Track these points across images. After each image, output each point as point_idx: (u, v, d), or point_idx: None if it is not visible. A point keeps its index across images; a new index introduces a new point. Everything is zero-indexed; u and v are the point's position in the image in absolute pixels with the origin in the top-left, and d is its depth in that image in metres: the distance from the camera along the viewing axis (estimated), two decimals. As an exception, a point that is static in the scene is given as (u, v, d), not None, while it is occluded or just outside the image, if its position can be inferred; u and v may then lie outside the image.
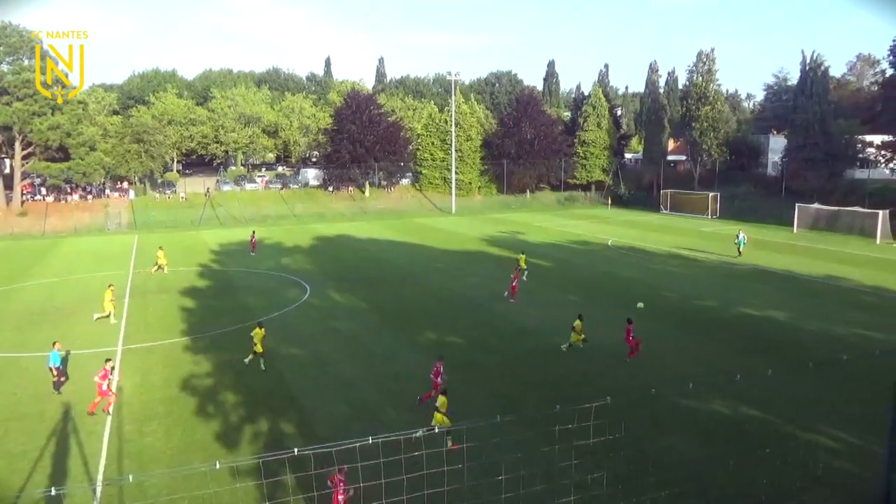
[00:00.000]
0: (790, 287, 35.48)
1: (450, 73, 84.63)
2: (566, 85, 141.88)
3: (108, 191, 79.32)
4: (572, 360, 23.18)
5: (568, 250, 49.21)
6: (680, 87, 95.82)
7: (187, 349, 24.77)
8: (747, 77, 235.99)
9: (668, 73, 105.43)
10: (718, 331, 26.80)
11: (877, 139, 71.12)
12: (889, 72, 70.46)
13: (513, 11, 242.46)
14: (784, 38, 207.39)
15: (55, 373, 20.30)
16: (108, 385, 18.55)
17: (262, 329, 22.51)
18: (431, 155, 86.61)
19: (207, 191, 78.60)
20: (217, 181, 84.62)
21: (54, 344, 21.01)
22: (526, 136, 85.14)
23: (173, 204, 75.67)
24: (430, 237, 56.51)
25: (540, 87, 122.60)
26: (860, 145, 71.94)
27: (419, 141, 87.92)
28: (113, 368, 20.00)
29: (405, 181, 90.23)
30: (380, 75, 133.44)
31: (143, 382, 21.15)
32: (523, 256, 37.93)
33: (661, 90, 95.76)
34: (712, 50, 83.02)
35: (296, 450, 10.42)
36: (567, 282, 37.22)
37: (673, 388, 19.04)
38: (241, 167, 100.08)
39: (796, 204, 60.16)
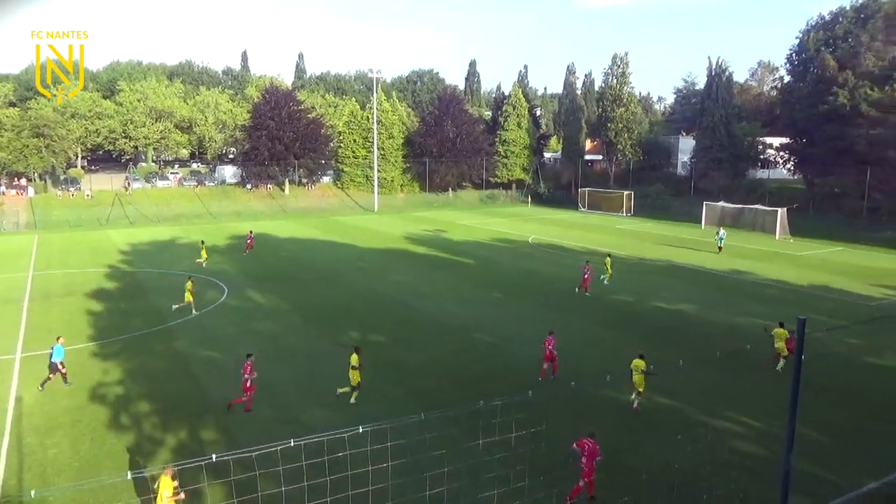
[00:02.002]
0: (699, 281, 37.29)
1: (371, 71, 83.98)
2: (487, 85, 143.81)
3: (3, 188, 74.12)
4: (494, 357, 23.51)
5: (490, 248, 49.88)
6: (596, 88, 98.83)
7: (94, 355, 23.48)
8: (658, 80, 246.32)
9: (585, 75, 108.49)
10: (633, 324, 27.85)
11: (776, 141, 75.91)
12: (787, 78, 75.20)
13: (434, 10, 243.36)
14: (692, 44, 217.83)
15: (61, 367, 20.11)
16: (251, 381, 18.24)
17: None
18: (353, 153, 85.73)
19: (128, 185, 74.86)
20: (126, 178, 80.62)
21: (58, 339, 20.62)
22: (448, 134, 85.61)
23: (78, 202, 71.59)
24: (353, 236, 55.96)
25: (462, 87, 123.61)
26: (761, 147, 76.58)
27: (340, 138, 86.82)
28: (253, 362, 18.86)
29: (326, 179, 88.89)
30: (299, 71, 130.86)
31: (46, 391, 19.89)
32: (609, 260, 36.49)
33: (579, 92, 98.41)
34: (626, 54, 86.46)
35: (214, 456, 10.05)
36: (490, 279, 37.71)
37: (591, 381, 19.63)
38: (153, 164, 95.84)
39: (704, 202, 63.39)
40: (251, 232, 48.81)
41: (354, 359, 19.02)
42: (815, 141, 65.28)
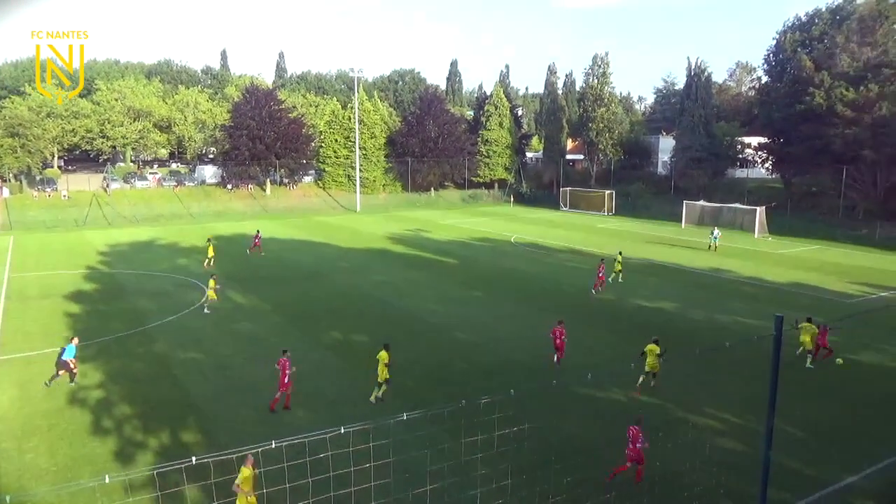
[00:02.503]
0: (679, 279, 37.63)
1: (353, 70, 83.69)
2: (469, 85, 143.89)
3: (-22, 189, 72.75)
4: (476, 356, 23.54)
5: (472, 247, 49.94)
6: (577, 88, 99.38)
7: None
8: (639, 81, 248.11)
9: (566, 76, 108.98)
10: (614, 322, 28.03)
11: (754, 141, 76.84)
12: (764, 79, 76.14)
13: (415, 9, 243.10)
14: (672, 44, 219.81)
15: (73, 365, 20.38)
16: (289, 378, 18.33)
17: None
18: (335, 152, 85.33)
19: (106, 185, 73.79)
20: (104, 178, 79.50)
21: (72, 339, 21.08)
22: (430, 134, 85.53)
23: (54, 202, 70.47)
24: (335, 235, 55.72)
25: (443, 87, 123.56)
26: (740, 146, 77.51)
27: (322, 138, 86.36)
28: (290, 358, 18.96)
29: (308, 179, 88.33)
30: (280, 70, 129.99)
31: (23, 395, 19.57)
32: (620, 257, 36.81)
33: (560, 92, 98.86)
34: (606, 54, 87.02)
35: (194, 458, 9.94)
36: (472, 278, 37.75)
37: (573, 378, 19.73)
38: (131, 164, 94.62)
39: (684, 201, 64.03)
40: (258, 231, 48.42)
41: (384, 356, 19.07)
42: (792, 140, 66.16)
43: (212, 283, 30.34)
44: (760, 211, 56.39)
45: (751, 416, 16.37)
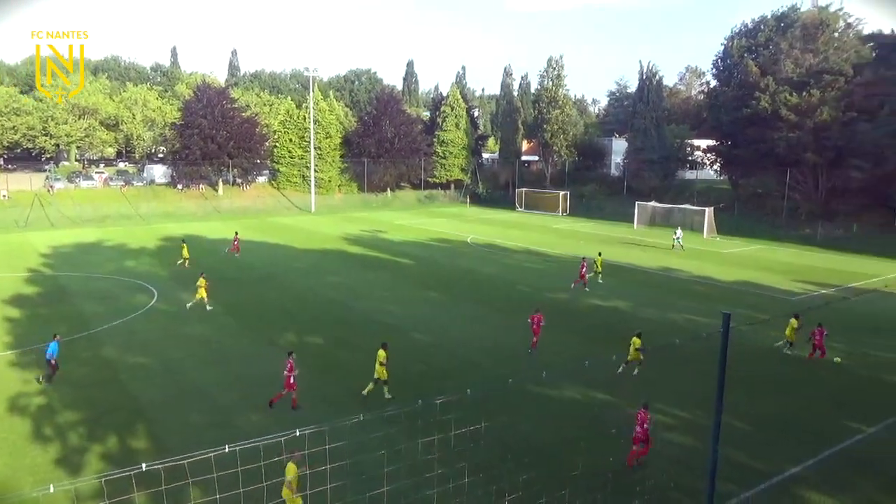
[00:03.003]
0: (632, 279, 38.37)
1: (308, 69, 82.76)
2: (425, 85, 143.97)
3: None
4: (432, 357, 23.55)
5: (429, 248, 49.94)
6: (532, 90, 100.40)
7: (13, 365, 22.23)
8: (592, 84, 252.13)
9: (522, 77, 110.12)
10: (569, 321, 28.40)
11: (703, 143, 78.93)
12: (713, 83, 78.26)
13: (371, 8, 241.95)
14: (625, 48, 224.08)
15: (54, 362, 20.02)
16: (294, 378, 18.33)
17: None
18: (290, 152, 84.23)
19: (50, 186, 71.20)
20: (47, 178, 76.64)
21: (55, 336, 20.61)
22: (386, 134, 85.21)
23: (-6, 203, 67.65)
24: (290, 236, 54.99)
25: (400, 87, 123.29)
26: (690, 149, 79.52)
27: (276, 138, 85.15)
28: (295, 360, 18.85)
29: (262, 179, 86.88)
30: (233, 68, 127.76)
31: (-39, 403, 18.72)
32: (600, 258, 37.34)
33: (515, 93, 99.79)
34: (561, 57, 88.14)
35: (143, 465, 9.66)
36: (428, 279, 37.75)
37: (529, 378, 19.91)
38: (76, 162, 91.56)
39: (636, 202, 65.33)
40: (237, 234, 47.39)
41: (382, 355, 19.17)
42: (739, 143, 68.21)
43: (202, 281, 29.87)
44: (709, 212, 57.96)
45: (699, 412, 16.81)
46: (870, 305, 31.72)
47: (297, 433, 10.18)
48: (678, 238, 49.00)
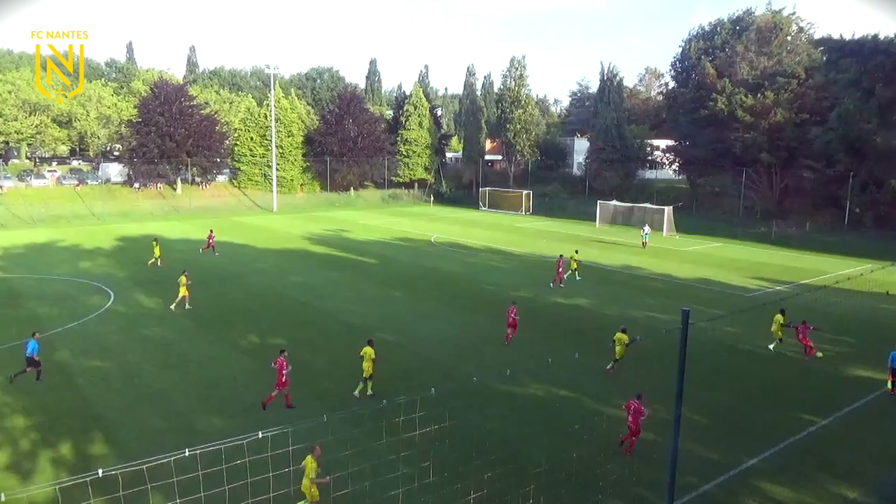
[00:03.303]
0: (594, 277, 38.86)
1: (268, 67, 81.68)
2: (388, 84, 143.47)
3: None
4: (397, 357, 23.46)
5: (393, 247, 49.79)
6: (495, 90, 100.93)
7: (-39, 369, 21.44)
8: (555, 84, 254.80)
9: (485, 77, 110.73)
10: (532, 319, 28.57)
11: (662, 143, 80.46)
12: (671, 84, 79.85)
13: (333, 5, 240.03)
14: (586, 50, 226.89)
15: (37, 359, 19.87)
16: (286, 376, 18.10)
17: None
18: (250, 151, 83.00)
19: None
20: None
21: (34, 333, 20.41)
22: (349, 133, 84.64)
23: (-61, 202, 65.07)
24: (251, 236, 54.20)
25: (362, 86, 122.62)
26: (649, 148, 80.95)
27: (237, 136, 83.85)
28: (287, 357, 18.50)
29: (222, 178, 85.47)
30: (191, 65, 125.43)
31: None
32: (576, 255, 37.96)
33: (479, 93, 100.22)
34: (523, 57, 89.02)
35: (100, 471, 9.42)
36: (392, 278, 37.63)
37: (493, 376, 20.01)
38: (27, 160, 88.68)
39: (598, 201, 66.24)
40: (211, 231, 46.43)
41: (370, 351, 19.05)
42: (697, 143, 69.74)
43: (183, 279, 29.39)
44: (668, 210, 59.10)
45: (659, 406, 17.09)
46: (821, 301, 32.72)
47: (260, 435, 10.06)
48: (646, 234, 50.17)
